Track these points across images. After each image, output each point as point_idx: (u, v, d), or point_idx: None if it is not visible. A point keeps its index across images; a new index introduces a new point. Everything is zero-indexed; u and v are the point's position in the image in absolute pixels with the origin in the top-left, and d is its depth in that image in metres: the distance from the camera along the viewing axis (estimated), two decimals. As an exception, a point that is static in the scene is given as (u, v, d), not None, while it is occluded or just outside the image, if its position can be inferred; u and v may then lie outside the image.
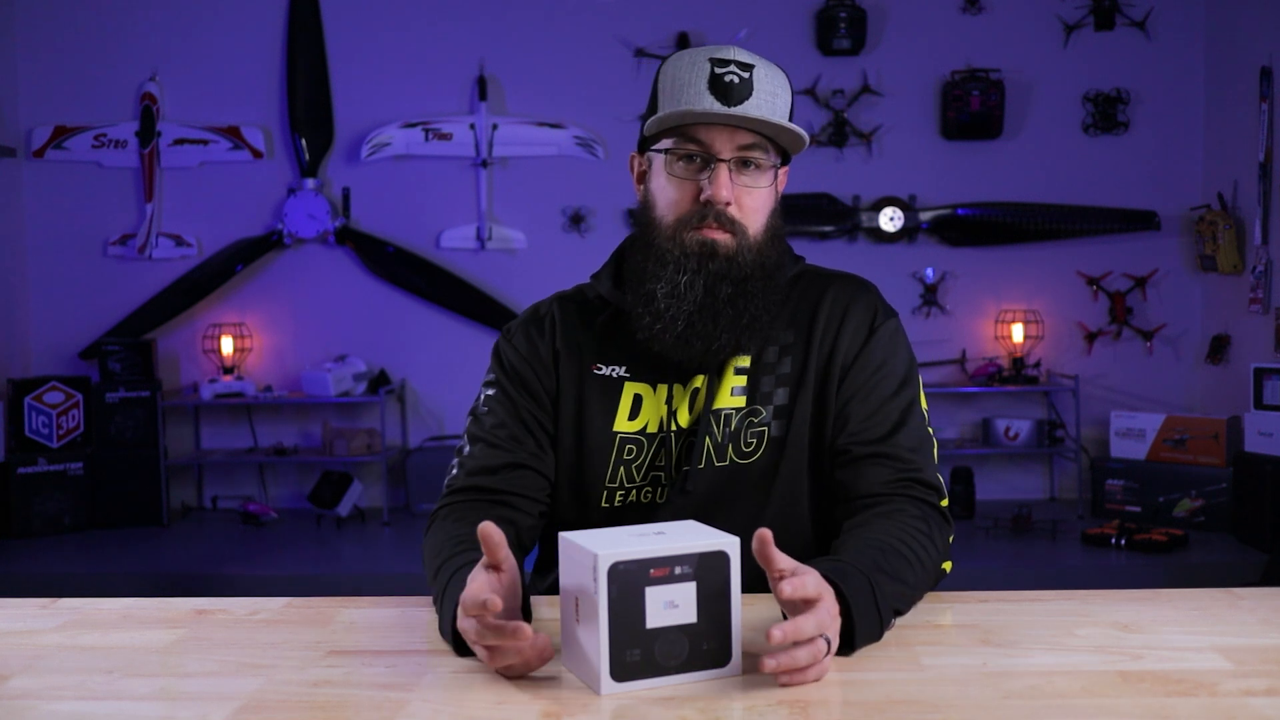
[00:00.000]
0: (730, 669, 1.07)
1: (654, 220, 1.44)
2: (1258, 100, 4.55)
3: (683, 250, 1.39)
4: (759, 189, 1.41)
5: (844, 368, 1.45)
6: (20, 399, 4.89)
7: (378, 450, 5.07)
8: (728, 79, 1.36)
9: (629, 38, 5.06)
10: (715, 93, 1.36)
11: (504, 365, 1.52)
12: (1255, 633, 1.18)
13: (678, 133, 1.39)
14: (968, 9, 5.10)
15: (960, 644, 1.15)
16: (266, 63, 5.24)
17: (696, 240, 1.39)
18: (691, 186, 1.39)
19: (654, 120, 1.39)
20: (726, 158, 1.37)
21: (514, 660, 1.06)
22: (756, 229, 1.42)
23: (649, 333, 1.42)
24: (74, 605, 1.37)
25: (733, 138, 1.38)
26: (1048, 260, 5.15)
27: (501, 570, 1.11)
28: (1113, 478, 4.77)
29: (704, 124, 1.37)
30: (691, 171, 1.40)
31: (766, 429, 1.45)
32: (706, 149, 1.38)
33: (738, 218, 1.39)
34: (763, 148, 1.39)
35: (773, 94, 1.39)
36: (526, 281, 5.12)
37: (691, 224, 1.39)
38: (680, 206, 1.40)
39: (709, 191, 1.37)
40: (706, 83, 1.36)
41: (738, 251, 1.40)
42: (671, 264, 1.40)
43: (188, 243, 5.26)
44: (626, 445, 1.46)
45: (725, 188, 1.37)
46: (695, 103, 1.36)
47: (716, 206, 1.38)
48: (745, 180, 1.40)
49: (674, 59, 1.42)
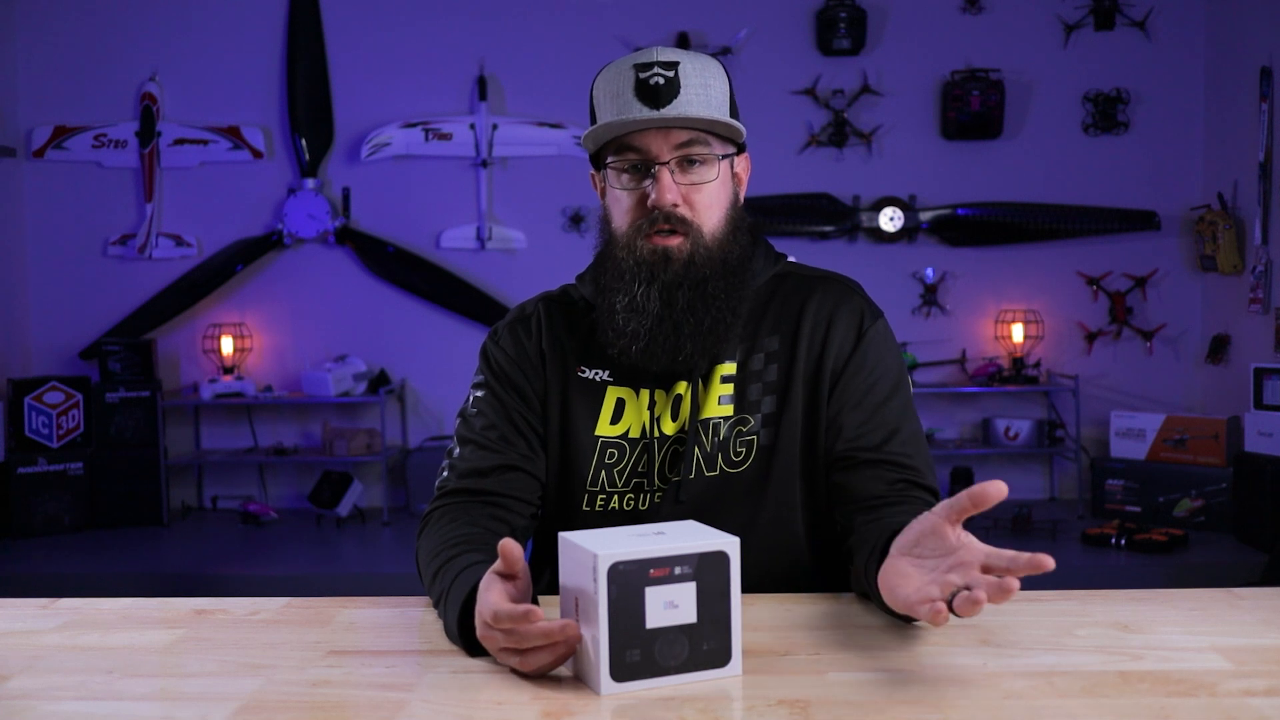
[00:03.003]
0: (730, 669, 1.06)
1: (612, 234, 1.45)
2: (1258, 100, 4.55)
3: (636, 260, 1.40)
4: (706, 184, 1.41)
5: (834, 373, 1.45)
6: (20, 399, 4.89)
7: (378, 450, 5.07)
8: (653, 82, 1.36)
9: (629, 38, 5.06)
10: (642, 98, 1.37)
11: (492, 367, 1.51)
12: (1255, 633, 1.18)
13: (616, 144, 1.40)
14: (968, 9, 5.10)
15: (960, 644, 1.15)
16: (266, 63, 5.24)
17: (648, 249, 1.40)
18: (639, 194, 1.40)
19: (588, 137, 1.41)
20: (666, 159, 1.38)
21: (549, 659, 1.06)
22: (713, 225, 1.42)
23: (615, 348, 1.43)
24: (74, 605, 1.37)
25: (668, 138, 1.38)
26: (1048, 260, 5.15)
27: (518, 579, 1.11)
28: (1113, 478, 4.77)
29: (638, 131, 1.38)
30: (636, 180, 1.40)
31: (755, 438, 1.44)
32: (645, 154, 1.39)
33: (689, 217, 1.40)
34: (702, 142, 1.39)
35: (704, 86, 1.39)
36: (526, 281, 5.09)
37: (643, 231, 1.40)
38: (630, 215, 1.41)
39: (654, 196, 1.38)
40: (633, 90, 1.37)
41: (693, 253, 1.39)
42: (628, 274, 1.41)
43: (188, 243, 5.26)
44: (608, 449, 1.46)
45: (669, 190, 1.38)
46: (624, 112, 1.37)
47: (664, 210, 1.38)
48: (691, 178, 1.40)
49: (602, 73, 1.43)
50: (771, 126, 5.06)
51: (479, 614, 1.10)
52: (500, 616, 1.04)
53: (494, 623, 1.05)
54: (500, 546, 1.08)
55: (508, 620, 1.04)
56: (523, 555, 1.10)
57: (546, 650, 1.05)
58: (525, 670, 1.07)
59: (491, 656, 1.11)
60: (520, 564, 1.10)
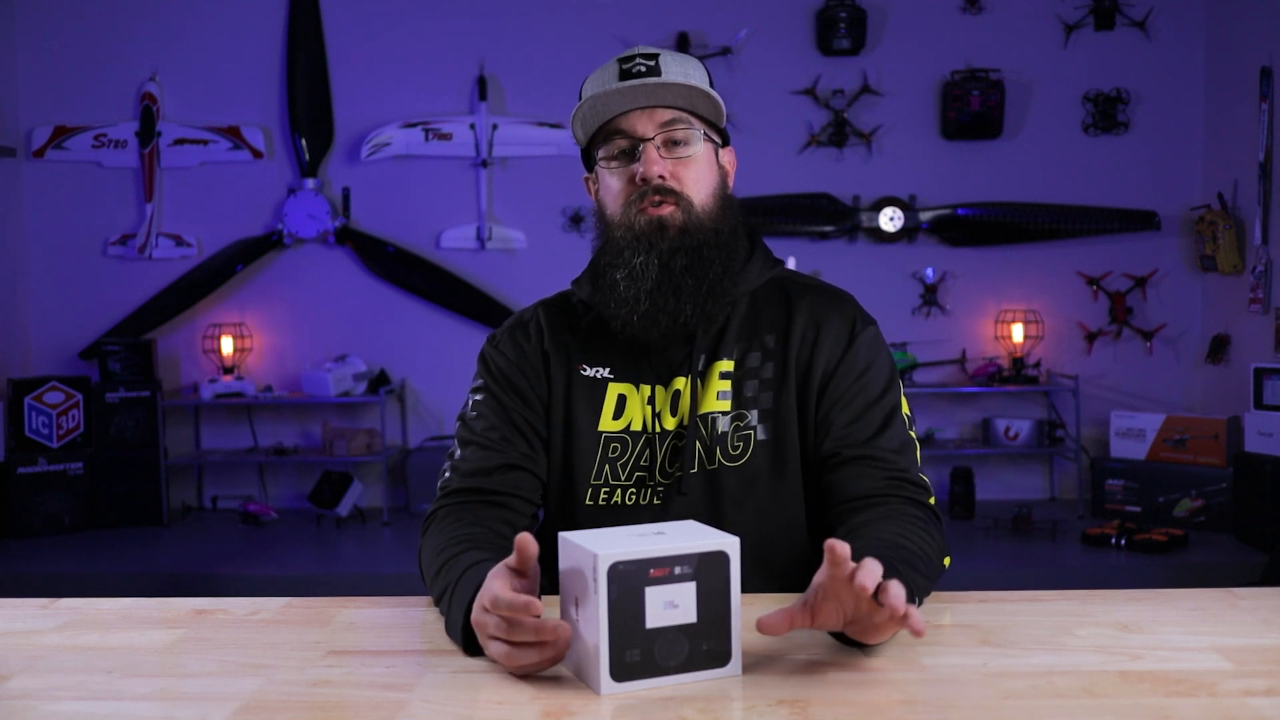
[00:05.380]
0: (730, 669, 1.06)
1: (608, 219, 1.50)
2: (1258, 100, 4.55)
3: (633, 233, 1.45)
4: (692, 158, 1.46)
5: (825, 374, 1.47)
6: (20, 399, 4.89)
7: (377, 450, 5.07)
8: (635, 70, 1.44)
9: (629, 38, 5.05)
10: (624, 81, 1.44)
11: (491, 371, 1.53)
12: (1255, 633, 1.18)
13: (604, 132, 1.47)
14: (968, 9, 5.10)
15: (960, 644, 1.15)
16: (266, 63, 5.24)
17: (644, 220, 1.44)
18: (628, 174, 1.46)
19: (576, 120, 1.47)
20: (651, 136, 1.44)
21: (536, 659, 1.06)
22: (703, 198, 1.47)
23: (618, 320, 1.46)
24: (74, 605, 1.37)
25: (652, 117, 1.45)
26: (1048, 260, 5.15)
27: (526, 577, 1.11)
28: (1113, 478, 4.77)
29: (623, 114, 1.45)
30: (625, 162, 1.47)
31: (753, 433, 1.46)
32: (630, 134, 1.45)
33: (678, 188, 1.45)
34: (685, 121, 1.46)
35: (684, 74, 1.46)
36: (526, 281, 5.12)
37: (635, 204, 1.45)
38: (623, 195, 1.47)
39: (642, 170, 1.44)
40: (616, 79, 1.45)
41: (686, 222, 1.45)
42: (626, 248, 1.45)
43: (188, 243, 5.26)
44: (611, 443, 1.48)
45: (656, 163, 1.44)
46: (606, 87, 1.43)
47: (653, 182, 1.43)
48: (676, 154, 1.46)
49: (591, 76, 1.51)
50: (771, 126, 5.07)
51: (479, 598, 1.10)
52: (500, 602, 1.05)
53: (492, 607, 1.06)
54: (517, 540, 1.09)
55: (506, 608, 1.04)
56: (536, 553, 1.10)
57: (535, 649, 1.05)
58: (508, 666, 1.07)
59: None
60: (533, 561, 1.10)
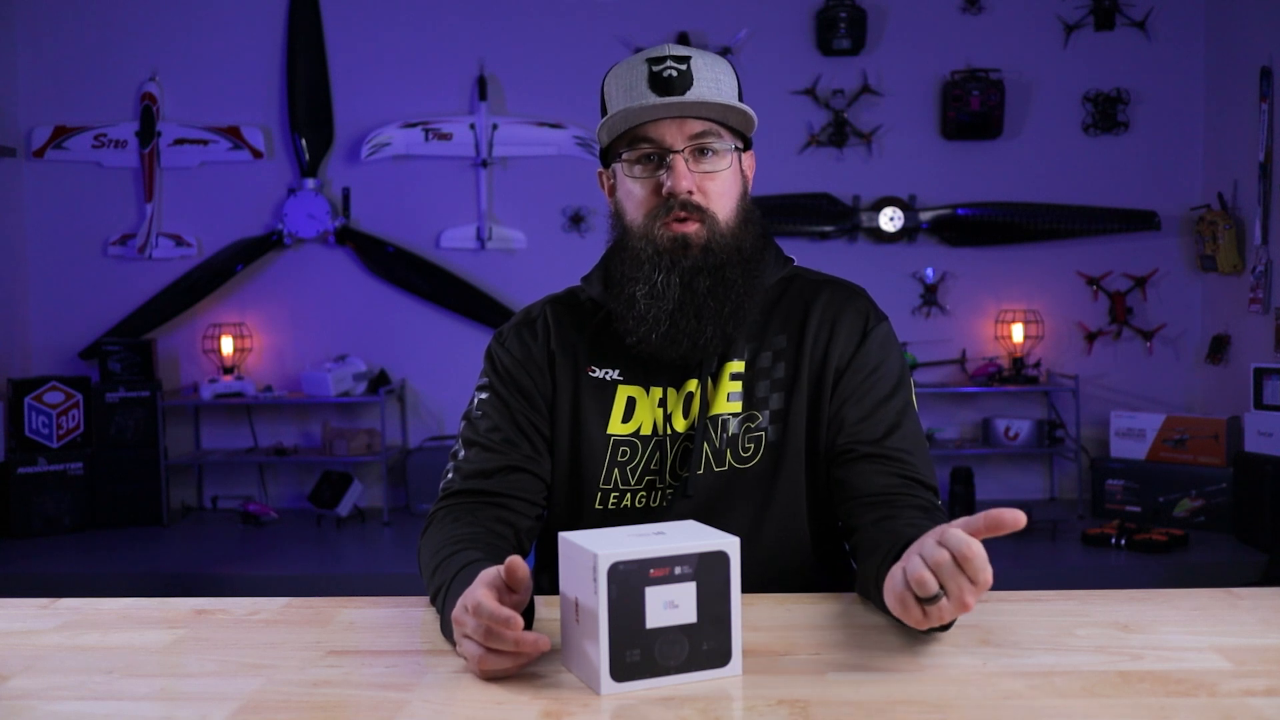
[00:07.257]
0: (730, 669, 1.06)
1: (626, 225, 1.46)
2: (1258, 100, 4.55)
3: (655, 248, 1.41)
4: (720, 172, 1.43)
5: (838, 371, 1.46)
6: (20, 399, 4.89)
7: (378, 450, 5.07)
8: (666, 74, 1.39)
9: (629, 38, 5.05)
10: (656, 89, 1.39)
11: (497, 369, 1.52)
12: (1255, 633, 1.18)
13: (630, 136, 1.42)
14: (968, 9, 5.10)
15: (960, 644, 1.15)
16: (266, 63, 5.24)
17: (668, 236, 1.41)
18: (653, 183, 1.42)
19: (603, 128, 1.42)
20: (680, 148, 1.40)
21: (508, 664, 1.06)
22: (726, 214, 1.44)
23: (635, 336, 1.43)
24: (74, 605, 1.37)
25: (682, 128, 1.40)
26: (1048, 260, 5.15)
27: (518, 593, 1.09)
28: (1113, 478, 4.77)
29: (652, 121, 1.40)
30: (650, 170, 1.42)
31: (764, 434, 1.45)
32: (659, 144, 1.41)
33: (704, 204, 1.42)
34: (715, 133, 1.42)
35: (715, 80, 1.41)
36: (526, 281, 5.12)
37: (659, 218, 1.41)
38: (646, 205, 1.43)
39: (669, 184, 1.40)
40: (646, 82, 1.39)
41: (710, 240, 1.42)
42: (647, 263, 1.42)
43: (188, 243, 5.26)
44: (620, 447, 1.46)
45: (685, 178, 1.40)
46: (639, 102, 1.39)
47: (680, 197, 1.40)
48: (704, 167, 1.42)
49: (614, 70, 1.45)
50: (771, 126, 5.06)
51: (463, 598, 1.09)
52: (483, 612, 1.04)
53: (474, 613, 1.05)
54: (507, 563, 1.07)
55: (488, 618, 1.04)
56: (529, 576, 1.09)
57: (509, 656, 1.05)
58: (479, 668, 1.06)
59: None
60: (525, 584, 1.08)
